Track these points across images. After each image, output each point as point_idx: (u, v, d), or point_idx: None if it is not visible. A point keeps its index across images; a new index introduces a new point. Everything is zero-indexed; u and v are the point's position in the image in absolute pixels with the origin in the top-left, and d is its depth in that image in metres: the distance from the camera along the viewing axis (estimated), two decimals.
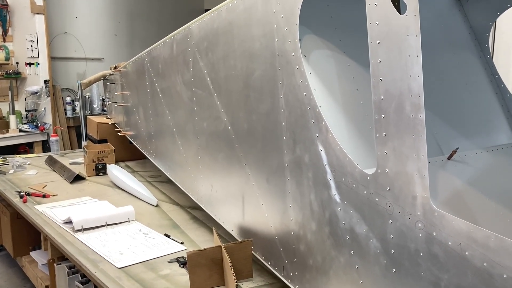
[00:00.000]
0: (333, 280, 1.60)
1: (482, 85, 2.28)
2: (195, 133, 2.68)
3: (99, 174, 4.27)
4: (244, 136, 2.11)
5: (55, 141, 5.39)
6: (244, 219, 2.22)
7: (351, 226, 1.49)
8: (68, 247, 2.58)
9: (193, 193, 2.87)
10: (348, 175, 1.48)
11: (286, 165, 1.80)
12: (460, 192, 1.76)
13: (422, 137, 1.21)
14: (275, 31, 1.76)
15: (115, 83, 4.71)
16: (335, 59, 1.79)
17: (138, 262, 2.35)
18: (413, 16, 1.19)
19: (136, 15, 8.86)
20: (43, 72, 6.86)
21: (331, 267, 1.60)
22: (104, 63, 8.04)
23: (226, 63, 2.19)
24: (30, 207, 3.33)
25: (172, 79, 2.95)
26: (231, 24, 2.09)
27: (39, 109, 6.96)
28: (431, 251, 1.21)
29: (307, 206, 1.70)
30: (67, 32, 7.71)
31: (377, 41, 1.30)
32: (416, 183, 1.24)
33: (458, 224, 1.14)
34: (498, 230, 1.63)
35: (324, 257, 1.64)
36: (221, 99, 2.30)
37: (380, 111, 1.32)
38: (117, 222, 2.90)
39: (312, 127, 1.62)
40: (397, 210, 1.31)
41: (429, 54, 1.97)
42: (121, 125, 4.67)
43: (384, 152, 1.33)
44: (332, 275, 1.60)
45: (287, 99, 1.74)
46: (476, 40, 2.35)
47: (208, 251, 2.08)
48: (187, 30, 2.60)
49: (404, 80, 1.23)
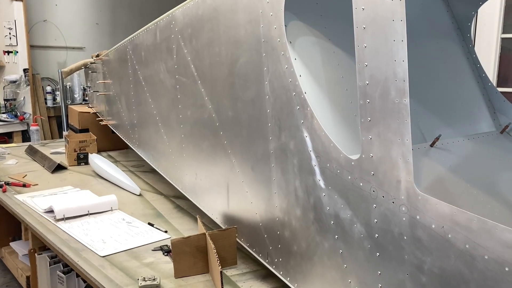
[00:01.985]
0: (317, 265, 1.61)
1: (464, 74, 2.31)
2: (179, 122, 2.66)
3: (81, 164, 4.22)
4: (229, 124, 2.10)
5: (35, 130, 5.30)
6: (228, 207, 2.21)
7: (335, 211, 1.50)
8: (50, 236, 2.55)
9: (177, 182, 2.86)
10: (333, 161, 1.49)
11: (271, 152, 1.80)
12: (443, 178, 1.78)
13: (406, 121, 1.22)
14: (260, 17, 1.75)
15: (96, 71, 4.64)
16: (320, 45, 1.79)
17: (121, 250, 2.33)
18: (399, 1, 1.19)
19: (118, 4, 8.71)
20: (22, 60, 6.72)
21: (316, 253, 1.61)
22: (85, 52, 7.91)
23: (210, 50, 2.17)
24: (10, 197, 3.27)
25: (155, 67, 2.91)
26: (216, 10, 2.07)
27: (18, 98, 6.83)
28: (415, 235, 1.23)
29: (292, 192, 1.71)
30: (47, 20, 7.56)
31: (362, 26, 1.30)
32: (400, 168, 1.25)
33: (441, 208, 1.15)
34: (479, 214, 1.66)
35: (308, 243, 1.65)
36: (205, 86, 2.28)
37: (365, 96, 1.33)
38: (99, 211, 2.88)
39: (297, 113, 1.62)
40: (381, 194, 1.32)
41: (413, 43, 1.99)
42: (103, 114, 4.61)
43: (369, 137, 1.34)
44: (317, 260, 1.61)
45: (272, 85, 1.74)
46: (459, 29, 2.37)
47: (192, 238, 2.08)
48: (171, 16, 2.57)
49: (389, 65, 1.24)
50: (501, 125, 2.26)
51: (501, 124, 2.26)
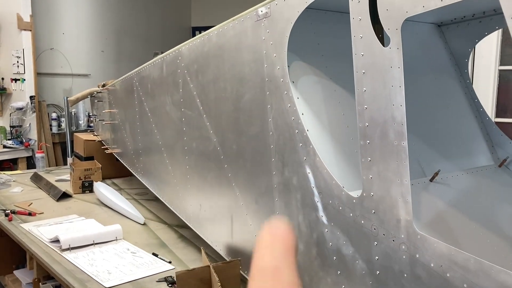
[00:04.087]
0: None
1: (462, 109, 2.37)
2: (184, 153, 2.71)
3: (86, 192, 4.27)
4: (233, 157, 2.16)
5: (40, 157, 5.36)
6: (232, 239, 2.25)
7: (338, 247, 1.54)
8: (55, 266, 2.58)
9: (181, 212, 2.90)
10: (335, 198, 1.53)
11: (275, 187, 1.85)
12: (443, 213, 1.83)
13: (405, 163, 1.27)
14: (264, 57, 1.82)
15: (102, 100, 4.73)
16: (321, 84, 1.86)
17: (126, 281, 2.36)
18: (396, 49, 1.26)
19: (123, 32, 8.91)
20: (29, 88, 6.85)
21: (318, 287, 1.64)
22: (91, 79, 8.05)
23: (216, 85, 2.25)
24: (15, 226, 3.31)
25: (162, 99, 2.99)
26: (221, 48, 2.15)
27: (24, 125, 6.92)
28: (415, 273, 1.26)
29: (295, 227, 1.75)
30: (53, 48, 7.72)
31: (362, 71, 1.37)
32: (399, 207, 1.30)
33: (439, 247, 1.20)
34: (479, 250, 1.70)
35: (311, 277, 1.68)
36: (210, 120, 2.35)
37: (365, 137, 1.39)
38: (104, 241, 2.91)
39: (300, 150, 1.68)
40: (382, 232, 1.36)
41: (412, 79, 2.06)
42: (108, 142, 4.68)
43: (369, 176, 1.39)
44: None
45: (276, 122, 1.80)
46: (456, 65, 2.44)
47: (197, 270, 2.11)
48: (177, 52, 2.66)
49: (388, 109, 1.30)
50: (499, 158, 2.31)
51: (499, 157, 2.31)
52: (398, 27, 1.26)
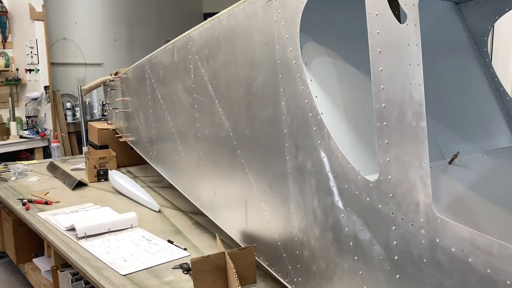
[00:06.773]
0: (337, 286, 1.61)
1: (482, 89, 2.30)
2: (197, 139, 2.69)
3: (101, 180, 4.29)
4: (246, 143, 2.13)
5: (56, 147, 5.39)
6: (247, 225, 2.23)
7: (354, 233, 1.50)
8: (72, 254, 2.59)
9: (195, 198, 2.88)
10: (351, 182, 1.49)
11: (289, 172, 1.82)
12: (462, 196, 1.77)
13: (424, 144, 1.23)
14: (276, 39, 1.77)
15: (115, 89, 4.73)
16: (335, 66, 1.81)
17: (142, 269, 2.36)
18: (414, 25, 1.21)
19: (135, 20, 8.88)
20: (43, 78, 6.87)
21: (335, 273, 1.61)
22: (104, 68, 8.05)
23: (227, 70, 2.21)
24: (33, 215, 3.34)
25: (173, 86, 2.96)
26: (232, 31, 2.11)
27: (40, 115, 6.97)
28: (435, 258, 1.22)
29: (310, 212, 1.71)
30: (66, 38, 7.73)
31: (378, 50, 1.32)
32: (418, 190, 1.25)
33: (460, 231, 1.15)
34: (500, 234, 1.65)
35: (328, 263, 1.65)
36: (222, 105, 2.31)
37: (382, 119, 1.34)
38: (120, 229, 2.92)
39: (314, 134, 1.64)
40: (400, 217, 1.32)
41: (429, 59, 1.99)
42: (122, 131, 4.68)
43: (387, 159, 1.34)
44: (336, 280, 1.61)
45: (288, 106, 1.76)
46: (475, 44, 2.36)
47: (212, 257, 2.09)
48: (188, 37, 2.62)
49: (405, 89, 1.25)
50: None
51: None
52: (415, 3, 1.20)
